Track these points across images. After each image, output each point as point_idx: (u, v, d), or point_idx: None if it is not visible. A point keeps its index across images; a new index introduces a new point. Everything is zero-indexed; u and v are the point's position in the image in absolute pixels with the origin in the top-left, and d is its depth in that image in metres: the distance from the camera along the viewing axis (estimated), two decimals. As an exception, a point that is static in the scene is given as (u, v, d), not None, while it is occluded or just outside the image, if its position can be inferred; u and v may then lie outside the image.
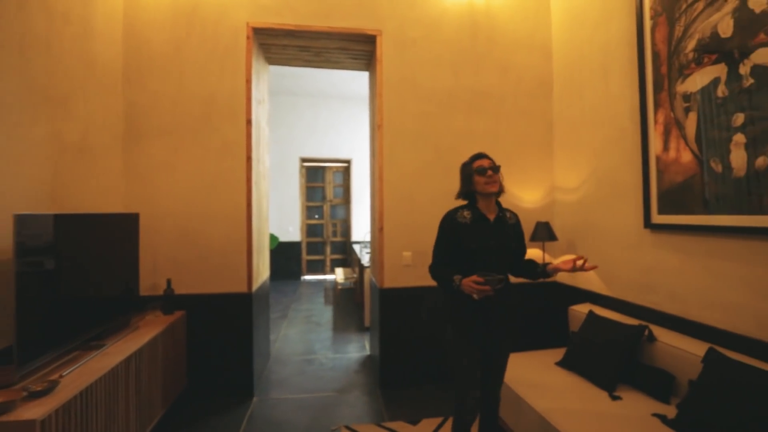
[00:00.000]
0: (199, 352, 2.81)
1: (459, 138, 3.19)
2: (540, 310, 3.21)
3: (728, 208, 1.85)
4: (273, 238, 6.77)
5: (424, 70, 3.16)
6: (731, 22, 1.81)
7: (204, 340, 2.81)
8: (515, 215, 1.99)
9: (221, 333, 2.84)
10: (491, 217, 1.87)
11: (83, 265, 1.99)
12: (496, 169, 1.84)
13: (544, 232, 3.02)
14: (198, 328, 2.80)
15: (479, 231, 1.84)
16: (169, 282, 2.65)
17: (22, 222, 1.52)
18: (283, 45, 3.28)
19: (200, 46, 2.89)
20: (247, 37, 2.94)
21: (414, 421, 2.53)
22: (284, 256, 7.82)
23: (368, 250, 5.53)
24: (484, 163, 1.85)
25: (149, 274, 2.74)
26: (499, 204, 1.94)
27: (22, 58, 1.87)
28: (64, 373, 1.61)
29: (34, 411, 1.33)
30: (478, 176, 1.84)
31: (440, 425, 2.48)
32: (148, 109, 2.82)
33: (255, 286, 3.00)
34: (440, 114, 3.18)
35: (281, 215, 7.80)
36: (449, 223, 1.90)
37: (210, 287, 2.84)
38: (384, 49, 3.11)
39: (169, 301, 2.60)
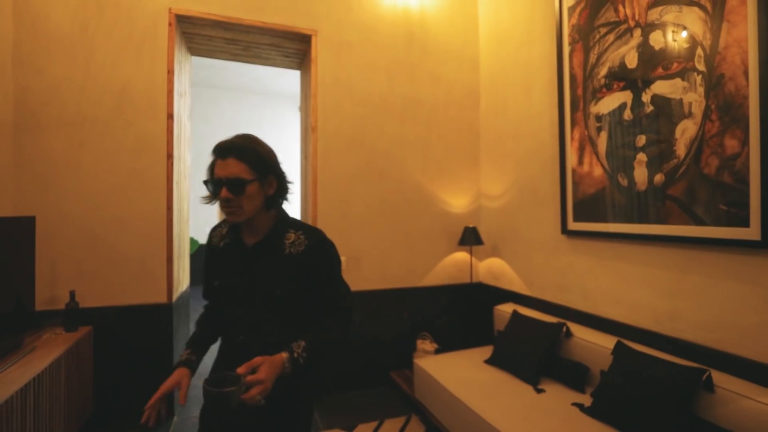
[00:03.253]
0: (110, 372, 2.50)
1: (392, 143, 3.24)
2: (467, 310, 3.38)
3: (631, 218, 2.11)
4: (193, 242, 6.29)
5: (360, 74, 3.16)
6: (636, 56, 2.07)
7: (115, 359, 2.51)
8: (312, 238, 1.20)
9: (136, 349, 2.56)
10: (251, 240, 1.19)
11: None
12: (238, 187, 1.09)
13: (471, 237, 3.19)
14: (108, 345, 2.49)
15: (227, 261, 1.21)
16: (72, 294, 2.32)
17: None
18: (209, 36, 3.07)
19: (113, 29, 2.58)
20: (170, 24, 2.69)
21: (350, 428, 2.51)
22: (201, 259, 7.29)
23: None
24: (219, 171, 1.11)
25: (47, 285, 2.38)
26: (283, 219, 1.23)
27: None
28: (-58, 412, 1.33)
29: None
30: (215, 193, 1.14)
31: (376, 429, 2.49)
32: (46, 97, 2.45)
33: (175, 295, 2.76)
34: (375, 118, 3.20)
35: (197, 215, 7.25)
36: (207, 243, 1.31)
37: (123, 299, 2.54)
38: (319, 50, 3.05)
39: (72, 315, 2.28)
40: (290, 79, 6.67)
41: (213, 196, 1.15)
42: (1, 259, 1.95)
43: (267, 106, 7.84)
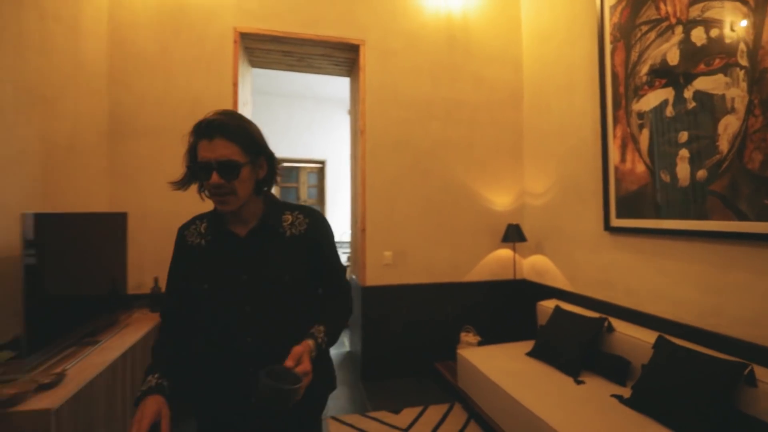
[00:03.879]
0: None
1: (436, 144, 3.39)
2: (510, 305, 3.45)
3: (674, 214, 2.12)
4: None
5: (405, 79, 3.34)
6: (677, 52, 2.09)
7: (189, 338, 2.86)
8: (312, 216, 1.15)
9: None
10: (243, 230, 1.09)
11: (77, 264, 2.03)
12: (231, 171, 0.98)
13: (515, 234, 3.26)
14: (183, 326, 2.84)
15: (216, 258, 1.08)
16: (156, 280, 2.68)
17: (27, 221, 1.56)
18: (267, 49, 3.37)
19: (187, 49, 2.93)
20: (234, 42, 3.01)
21: (396, 411, 2.69)
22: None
23: (344, 251, 5.64)
24: (207, 153, 0.97)
25: (135, 272, 2.75)
26: (274, 202, 1.15)
27: (19, 58, 1.89)
28: (68, 367, 1.66)
29: (47, 401, 1.39)
30: (202, 179, 1.02)
31: (421, 413, 2.65)
32: (134, 109, 2.84)
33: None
34: (419, 121, 3.36)
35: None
36: (178, 245, 1.16)
37: (196, 286, 2.88)
38: (367, 58, 3.26)
39: (156, 299, 2.64)
40: (338, 84, 6.96)
41: (188, 181, 1.05)
42: (100, 249, 2.32)
43: (317, 110, 8.22)
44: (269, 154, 1.08)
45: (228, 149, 0.97)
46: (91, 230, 2.19)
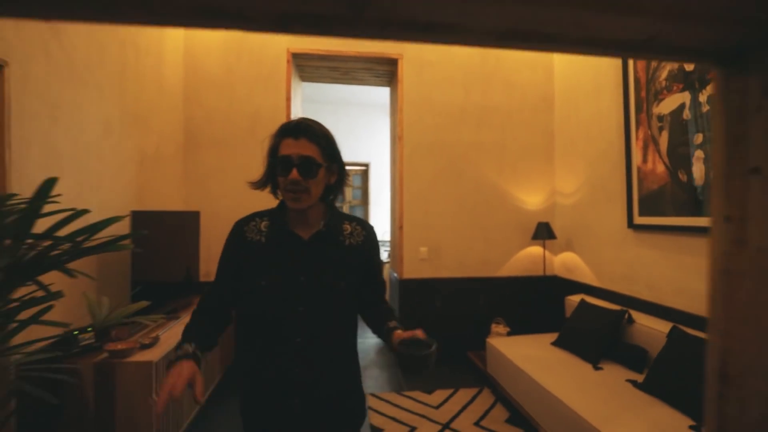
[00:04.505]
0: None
1: (469, 148, 3.62)
2: (540, 300, 3.61)
3: (691, 211, 2.24)
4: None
5: (439, 88, 3.60)
6: (693, 59, 2.21)
7: (249, 321, 3.29)
8: (368, 229, 1.21)
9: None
10: (306, 233, 1.12)
11: (163, 253, 2.48)
12: (310, 168, 1.04)
13: (545, 232, 3.42)
14: (244, 310, 3.27)
15: (276, 257, 1.10)
16: (222, 270, 3.13)
17: (133, 216, 2.00)
18: (316, 66, 3.76)
19: (248, 69, 3.37)
20: (287, 61, 3.42)
21: (429, 391, 2.96)
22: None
23: (386, 248, 5.97)
24: (291, 150, 1.04)
25: (205, 262, 3.22)
26: (334, 211, 1.18)
27: (121, 88, 2.36)
28: (160, 333, 2.09)
29: (149, 356, 1.81)
30: (280, 175, 1.05)
31: (451, 395, 2.90)
32: (204, 123, 3.32)
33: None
34: (452, 127, 3.61)
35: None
36: (234, 239, 1.15)
37: (254, 275, 3.31)
38: (404, 70, 3.56)
39: (222, 285, 3.08)
40: (380, 91, 7.33)
41: (266, 181, 1.12)
42: (177, 241, 2.78)
43: (361, 116, 8.64)
44: (341, 164, 1.13)
45: (310, 149, 1.04)
46: (173, 225, 2.65)
